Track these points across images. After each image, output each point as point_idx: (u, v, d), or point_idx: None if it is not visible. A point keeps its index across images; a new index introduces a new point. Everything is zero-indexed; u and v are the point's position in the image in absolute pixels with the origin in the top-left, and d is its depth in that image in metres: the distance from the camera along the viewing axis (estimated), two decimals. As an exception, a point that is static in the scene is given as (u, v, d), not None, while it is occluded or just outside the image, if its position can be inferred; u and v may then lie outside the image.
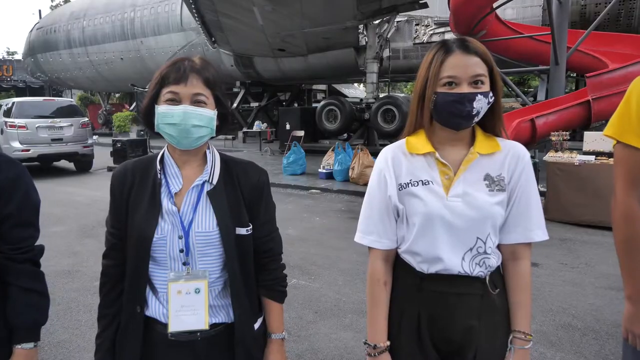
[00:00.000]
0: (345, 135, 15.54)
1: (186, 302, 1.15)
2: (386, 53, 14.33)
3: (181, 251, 1.17)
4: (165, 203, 1.18)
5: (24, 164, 1.33)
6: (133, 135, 17.28)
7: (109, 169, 11.93)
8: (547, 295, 3.73)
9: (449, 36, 13.77)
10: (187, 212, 1.18)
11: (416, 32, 15.23)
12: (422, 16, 14.98)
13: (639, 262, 1.26)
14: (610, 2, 11.03)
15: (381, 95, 14.95)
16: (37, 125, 10.34)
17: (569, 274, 4.23)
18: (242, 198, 1.23)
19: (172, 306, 1.16)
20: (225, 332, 1.22)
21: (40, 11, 29.23)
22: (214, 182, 1.21)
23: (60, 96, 25.95)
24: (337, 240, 5.43)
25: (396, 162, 1.27)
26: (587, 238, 5.39)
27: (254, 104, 19.44)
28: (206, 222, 1.18)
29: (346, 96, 21.62)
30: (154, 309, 1.20)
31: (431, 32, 15.03)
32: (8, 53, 42.39)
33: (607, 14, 11.30)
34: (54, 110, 10.88)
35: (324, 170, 9.60)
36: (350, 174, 8.99)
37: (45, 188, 8.61)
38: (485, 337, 1.22)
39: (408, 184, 1.23)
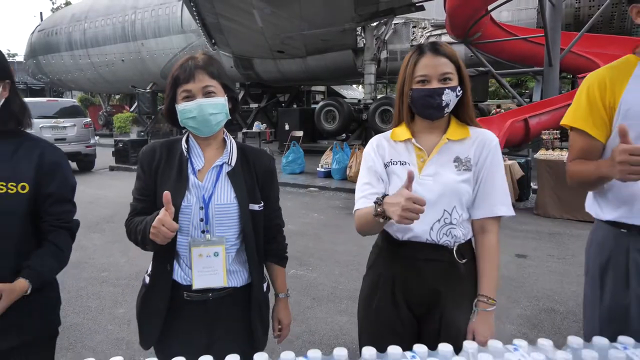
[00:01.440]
0: (344, 135, 15.74)
1: (207, 264, 1.35)
2: (384, 55, 14.53)
3: (201, 220, 1.36)
4: (192, 178, 1.38)
5: None
6: (133, 136, 17.45)
7: (111, 168, 12.12)
8: (532, 283, 3.93)
9: (446, 38, 13.98)
10: (207, 187, 1.38)
11: (413, 34, 15.45)
12: (420, 18, 15.20)
13: (584, 175, 1.46)
14: (603, 5, 11.27)
15: (379, 96, 15.16)
16: (40, 126, 10.51)
17: (555, 264, 4.43)
18: (256, 179, 1.44)
19: (195, 267, 1.35)
20: (233, 294, 1.41)
21: (41, 13, 29.47)
22: (233, 164, 1.42)
23: (61, 97, 26.10)
24: (334, 234, 5.63)
25: (380, 147, 1.49)
26: (576, 232, 5.59)
27: (254, 105, 19.64)
28: (225, 196, 1.38)
29: (344, 97, 21.82)
30: (175, 272, 1.39)
31: (428, 34, 15.25)
32: (9, 55, 42.56)
33: (600, 16, 11.53)
34: (57, 111, 11.06)
35: (323, 169, 9.80)
36: (347, 173, 9.19)
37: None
38: (451, 300, 1.41)
39: (390, 162, 1.45)
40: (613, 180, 1.42)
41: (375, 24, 13.57)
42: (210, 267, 1.35)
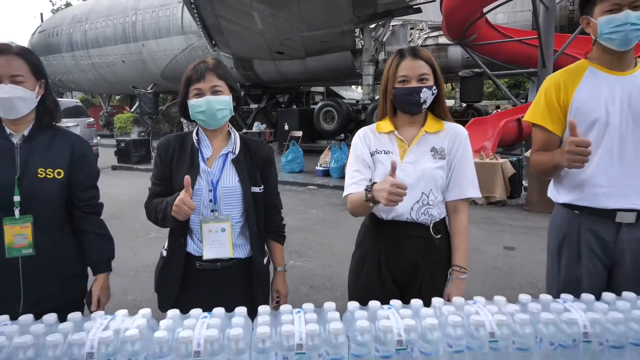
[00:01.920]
0: (342, 135, 15.96)
1: (215, 238, 1.57)
2: (382, 56, 14.74)
3: (210, 201, 1.58)
4: (202, 165, 1.60)
5: None
6: (134, 136, 17.65)
7: (113, 167, 12.33)
8: (518, 272, 4.16)
9: (443, 40, 14.22)
10: (215, 173, 1.61)
11: (411, 35, 15.67)
12: (417, 20, 15.43)
13: (542, 163, 1.69)
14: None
15: (377, 97, 15.37)
16: (44, 125, 10.71)
17: (540, 256, 4.65)
18: (256, 166, 1.67)
19: (206, 241, 1.58)
20: (238, 265, 1.64)
21: (42, 14, 29.60)
22: (237, 152, 1.64)
23: (61, 98, 26.26)
24: (332, 229, 5.85)
25: (367, 138, 1.71)
26: (564, 227, 5.80)
27: (253, 106, 19.85)
28: (230, 180, 1.61)
29: (343, 98, 22.03)
30: (189, 246, 1.62)
31: (425, 35, 15.47)
32: (9, 55, 42.52)
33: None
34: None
35: (321, 168, 10.01)
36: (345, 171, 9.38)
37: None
38: (428, 271, 1.64)
39: (375, 152, 1.67)
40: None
41: (373, 25, 13.80)
42: (218, 241, 1.57)
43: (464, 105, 16.25)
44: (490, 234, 5.38)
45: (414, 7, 12.75)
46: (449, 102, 27.37)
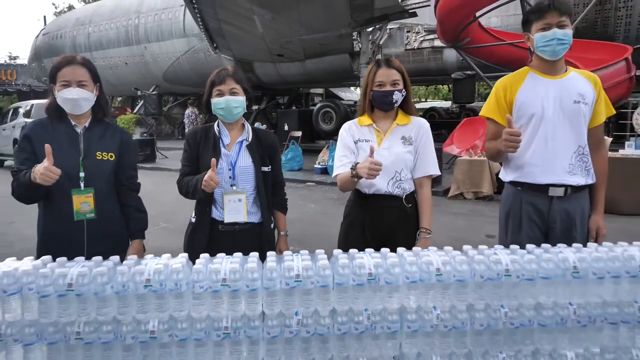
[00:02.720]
0: (341, 135, 16.35)
1: (234, 206, 2.01)
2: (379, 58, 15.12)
3: (230, 177, 2.02)
4: (223, 149, 2.04)
5: None
6: (136, 136, 18.02)
7: (119, 166, 12.73)
8: (496, 257, 4.57)
9: (438, 43, 14.66)
10: (233, 155, 2.05)
11: (407, 38, 16.10)
12: (413, 24, 15.83)
13: (491, 149, 2.11)
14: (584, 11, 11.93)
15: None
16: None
17: (519, 243, 5.07)
18: (265, 151, 2.11)
19: (226, 208, 2.01)
20: (252, 228, 2.07)
21: (45, 17, 30.04)
22: (250, 140, 2.08)
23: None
24: (329, 220, 6.26)
25: (351, 129, 2.15)
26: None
27: (254, 107, 20.25)
28: (245, 161, 2.05)
29: (342, 99, 22.45)
30: (213, 213, 2.06)
31: (421, 38, 15.90)
32: (10, 58, 42.96)
33: (583, 22, 12.18)
34: (69, 112, 11.68)
35: (320, 166, 10.44)
36: (343, 169, 9.79)
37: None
38: (402, 232, 2.07)
39: (359, 140, 2.10)
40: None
41: (370, 29, 14.20)
42: (236, 209, 2.00)
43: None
44: (475, 224, 5.80)
45: (410, 11, 13.15)
46: (446, 104, 27.84)
